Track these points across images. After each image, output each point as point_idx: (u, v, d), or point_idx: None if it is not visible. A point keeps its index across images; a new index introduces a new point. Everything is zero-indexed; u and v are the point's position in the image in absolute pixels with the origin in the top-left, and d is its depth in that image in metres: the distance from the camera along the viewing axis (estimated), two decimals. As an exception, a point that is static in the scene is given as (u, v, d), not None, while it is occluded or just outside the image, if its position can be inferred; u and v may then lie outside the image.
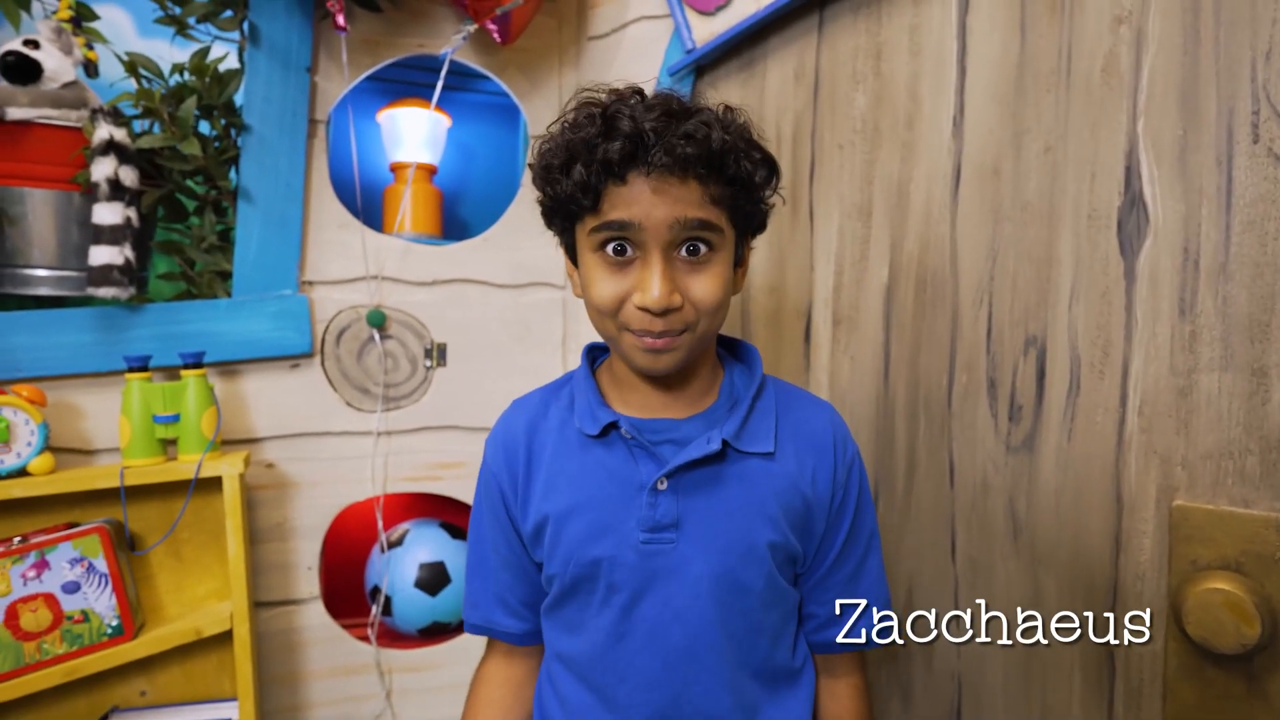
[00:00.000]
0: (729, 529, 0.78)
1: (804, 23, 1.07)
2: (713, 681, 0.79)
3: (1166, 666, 0.81)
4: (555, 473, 0.82)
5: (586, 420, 0.81)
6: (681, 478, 0.78)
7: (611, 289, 0.73)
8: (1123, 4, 0.83)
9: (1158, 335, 0.81)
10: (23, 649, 0.96)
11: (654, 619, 0.78)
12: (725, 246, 0.75)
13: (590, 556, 0.79)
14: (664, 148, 0.69)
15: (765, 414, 0.82)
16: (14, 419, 0.95)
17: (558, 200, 0.75)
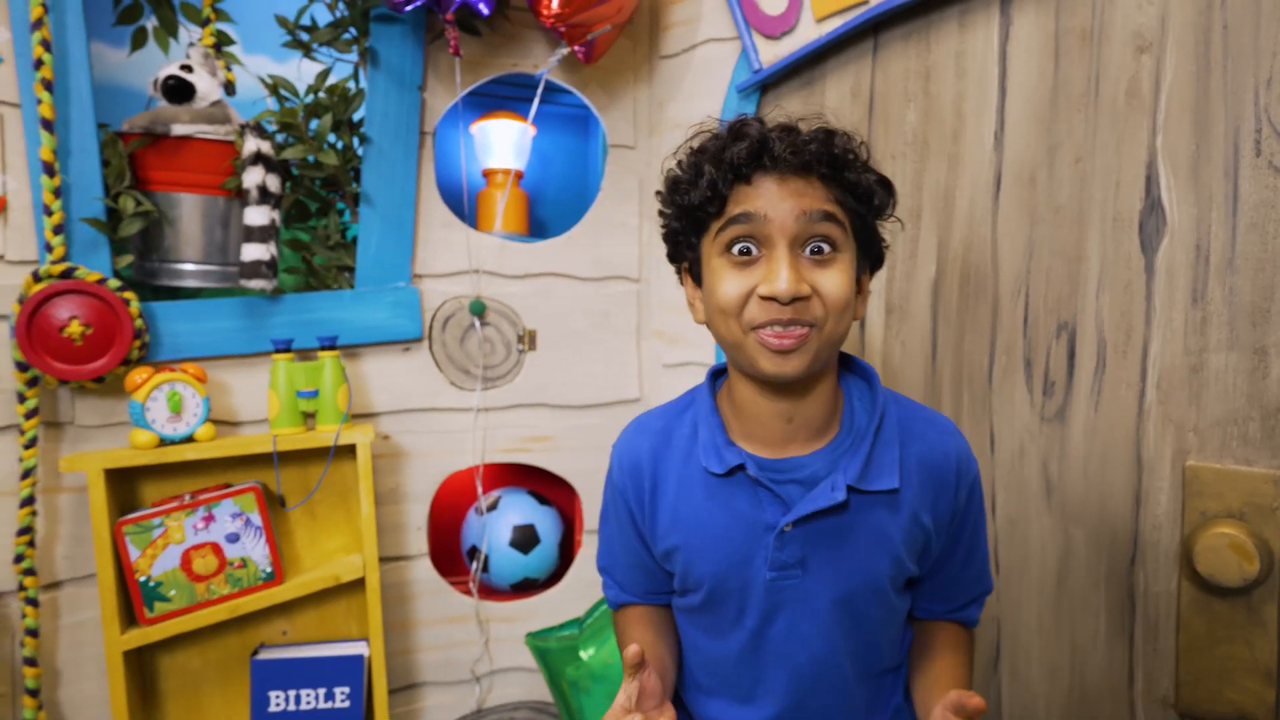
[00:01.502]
0: (852, 565, 0.80)
1: (860, 47, 1.21)
2: (833, 689, 0.84)
3: (1179, 603, 0.94)
4: (682, 507, 0.83)
5: (712, 459, 0.81)
6: (809, 521, 0.78)
7: (736, 286, 0.74)
8: (1144, 36, 0.96)
9: (1173, 321, 0.94)
10: (195, 589, 1.12)
11: (781, 641, 0.82)
12: (848, 251, 0.76)
13: (720, 589, 0.82)
14: (788, 146, 0.72)
15: (889, 445, 0.81)
16: (184, 393, 1.11)
17: (684, 211, 0.77)
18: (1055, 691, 1.05)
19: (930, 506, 0.82)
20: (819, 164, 0.72)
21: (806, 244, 0.73)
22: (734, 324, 0.75)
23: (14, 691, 1.12)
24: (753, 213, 0.72)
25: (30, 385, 1.09)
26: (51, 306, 1.07)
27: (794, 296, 0.71)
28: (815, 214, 0.72)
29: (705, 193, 0.74)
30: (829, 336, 0.74)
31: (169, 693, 1.17)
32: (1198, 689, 0.92)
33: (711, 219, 0.76)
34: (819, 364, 0.76)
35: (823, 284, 0.73)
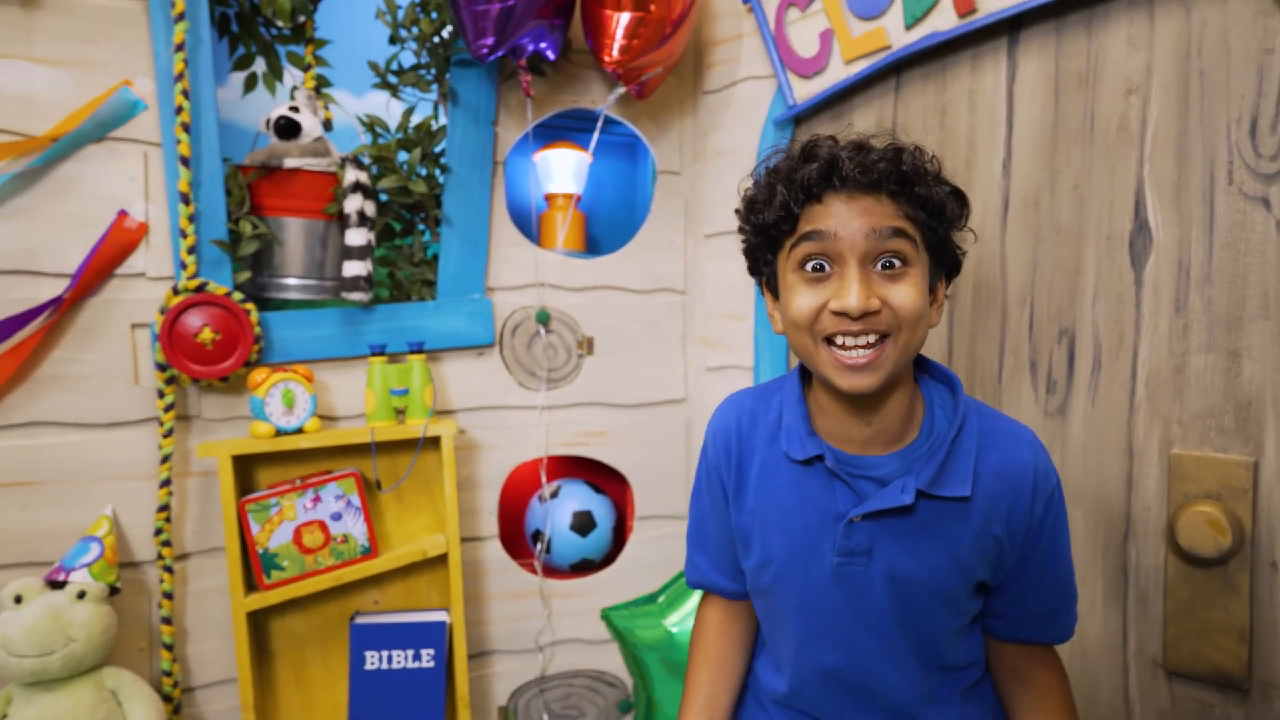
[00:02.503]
0: (917, 563, 0.81)
1: (883, 85, 1.36)
2: (894, 675, 0.85)
3: (1166, 574, 1.07)
4: (762, 486, 0.87)
5: (794, 446, 0.84)
6: (879, 517, 0.81)
7: (809, 300, 0.76)
8: (1132, 79, 1.10)
9: (1159, 327, 1.08)
10: (305, 560, 1.30)
11: (845, 626, 0.84)
12: (920, 264, 0.77)
13: (787, 568, 0.85)
14: (857, 165, 0.74)
15: (964, 454, 0.82)
16: (296, 390, 1.29)
17: (760, 230, 0.80)
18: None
19: (1004, 517, 0.82)
20: (887, 181, 0.74)
21: (878, 259, 0.75)
22: (807, 336, 0.77)
23: (150, 646, 1.30)
24: (823, 230, 0.75)
25: (169, 383, 1.27)
26: (187, 316, 1.25)
27: (864, 311, 0.73)
28: (884, 231, 0.74)
29: (779, 212, 0.77)
30: (903, 347, 0.76)
31: (278, 651, 1.35)
32: (1182, 649, 1.05)
33: (785, 236, 0.79)
34: (893, 376, 0.77)
35: (893, 297, 0.75)
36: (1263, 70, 0.99)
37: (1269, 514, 0.99)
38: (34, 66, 1.22)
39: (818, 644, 0.87)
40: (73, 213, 1.24)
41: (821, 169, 0.75)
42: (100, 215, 1.25)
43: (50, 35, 1.22)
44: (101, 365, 1.27)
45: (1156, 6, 1.07)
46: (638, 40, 1.32)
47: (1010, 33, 1.20)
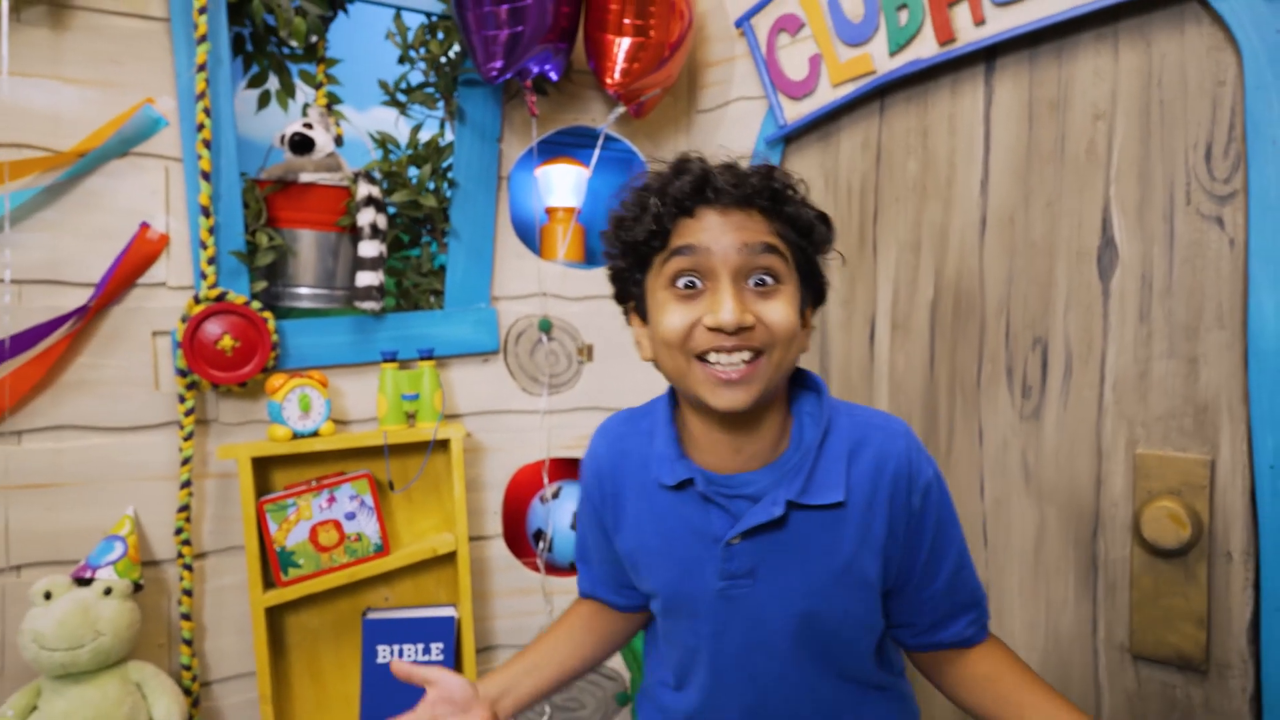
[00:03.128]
0: (801, 576, 0.81)
1: (869, 107, 1.44)
2: (796, 692, 0.84)
3: (1132, 565, 1.15)
4: (639, 512, 0.86)
5: (664, 471, 0.83)
6: (755, 535, 0.80)
7: (681, 317, 0.75)
8: (1099, 106, 1.19)
9: (1124, 336, 1.16)
10: (320, 558, 1.35)
11: (739, 646, 0.83)
12: (791, 284, 0.77)
13: (675, 595, 0.84)
14: (730, 180, 0.74)
15: (834, 459, 0.81)
16: (312, 395, 1.34)
17: (629, 248, 0.79)
18: (1034, 640, 1.26)
19: (885, 514, 0.81)
20: (760, 196, 0.74)
21: (750, 276, 0.75)
22: (679, 355, 0.76)
23: (169, 641, 1.35)
24: (695, 245, 0.74)
25: (189, 389, 1.32)
26: (208, 324, 1.30)
27: (739, 326, 0.72)
28: (757, 246, 0.74)
29: (650, 227, 0.75)
30: (776, 365, 0.76)
31: (293, 646, 1.40)
32: (1147, 635, 1.13)
33: (655, 253, 0.77)
34: (767, 395, 0.77)
35: (767, 313, 0.74)
36: (1216, 100, 1.08)
37: (1224, 509, 1.07)
38: (62, 85, 1.27)
39: (714, 665, 0.85)
40: (97, 225, 1.29)
41: (695, 182, 0.74)
42: (123, 227, 1.31)
43: (77, 56, 1.28)
44: (123, 371, 1.32)
45: (1120, 40, 1.16)
46: (638, 64, 1.39)
47: (987, 61, 1.29)
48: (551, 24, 1.31)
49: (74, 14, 1.27)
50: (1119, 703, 1.17)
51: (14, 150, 1.24)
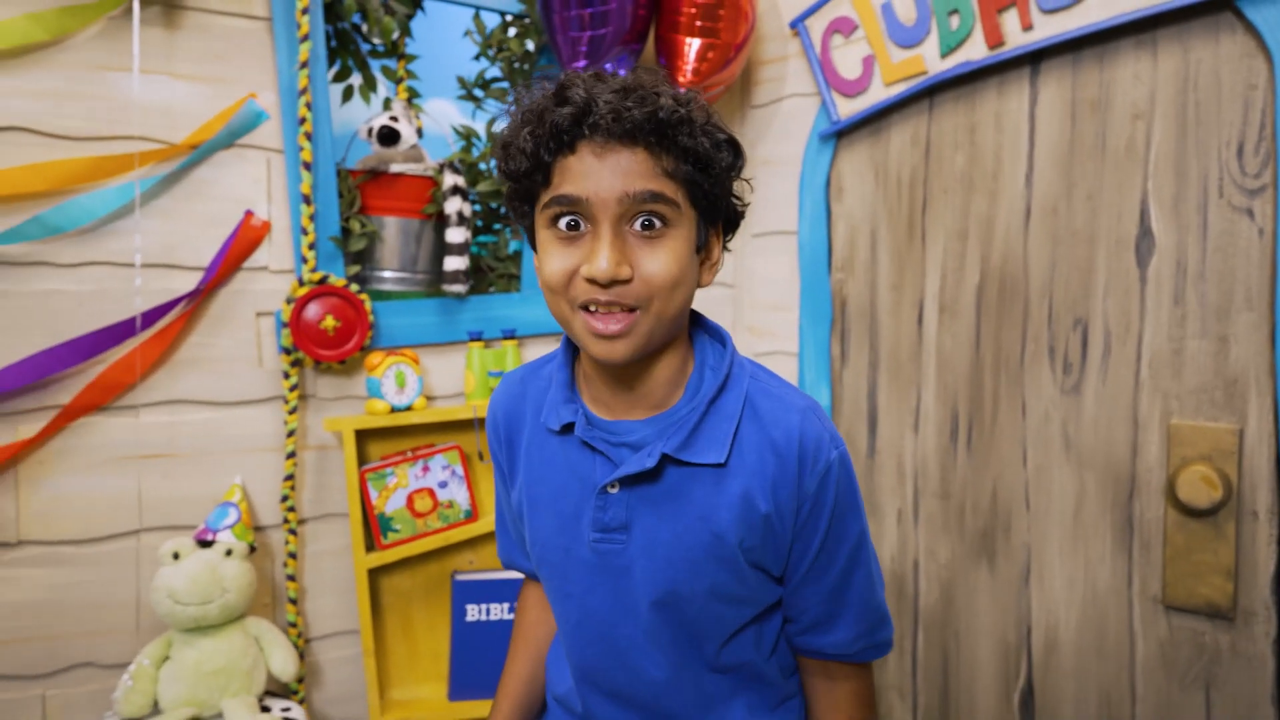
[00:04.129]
0: (673, 538, 0.76)
1: (919, 105, 1.55)
2: (661, 673, 0.80)
3: (1165, 524, 1.26)
4: (530, 461, 0.83)
5: (551, 415, 0.80)
6: (634, 485, 0.77)
7: (560, 263, 0.70)
8: (1139, 106, 1.30)
9: (1160, 317, 1.27)
10: (416, 523, 1.46)
11: (605, 614, 0.79)
12: (683, 225, 0.72)
13: (551, 547, 0.81)
14: (610, 114, 0.66)
15: (723, 419, 0.77)
16: (406, 372, 1.44)
17: (513, 178, 0.73)
18: (1073, 595, 1.38)
19: (770, 490, 0.76)
20: (643, 132, 0.67)
21: (635, 218, 0.70)
22: (561, 302, 0.72)
23: (274, 601, 1.45)
24: (573, 194, 0.69)
25: (293, 366, 1.42)
26: (311, 305, 1.40)
27: (612, 280, 0.68)
28: (641, 194, 0.68)
29: (528, 161, 0.71)
30: (658, 317, 0.71)
31: (387, 606, 1.51)
32: (1178, 587, 1.25)
33: (538, 188, 0.73)
34: (650, 346, 0.73)
35: (646, 264, 0.69)
36: (1248, 102, 1.19)
37: (1251, 472, 1.18)
38: (174, 81, 1.35)
39: (580, 634, 0.82)
40: (206, 212, 1.38)
41: (573, 114, 0.68)
42: (229, 215, 1.40)
43: (188, 53, 1.36)
44: (230, 349, 1.41)
45: (1159, 46, 1.27)
46: (706, 63, 1.49)
47: (1032, 64, 1.40)
48: (629, 26, 1.41)
49: (185, 14, 1.36)
50: (1152, 649, 1.29)
51: (133, 143, 1.33)
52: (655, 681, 0.80)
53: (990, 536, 1.48)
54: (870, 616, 0.83)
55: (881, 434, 1.63)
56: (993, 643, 1.47)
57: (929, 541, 1.55)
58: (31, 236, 1.25)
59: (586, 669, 0.83)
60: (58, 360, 1.27)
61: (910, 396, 1.58)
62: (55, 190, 1.28)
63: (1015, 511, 1.43)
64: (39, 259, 1.29)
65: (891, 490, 1.61)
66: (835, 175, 1.67)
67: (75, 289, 1.31)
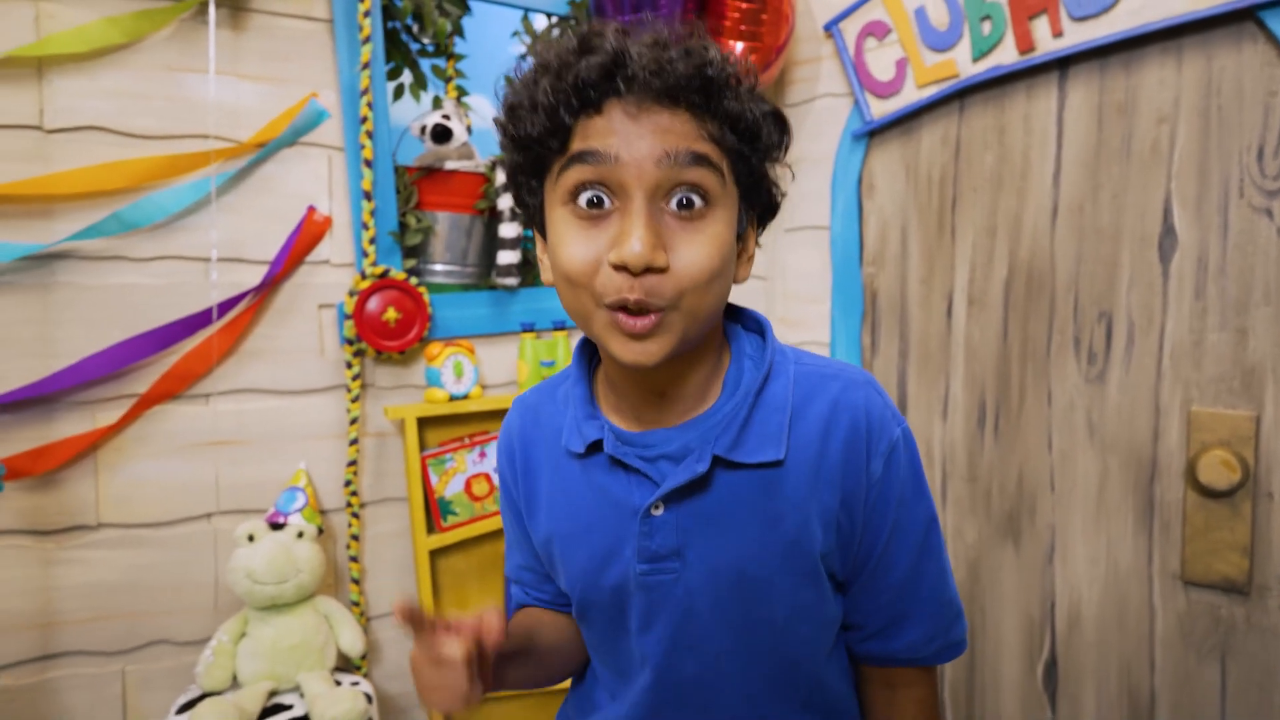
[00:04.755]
0: (736, 554, 0.67)
1: (950, 106, 1.62)
2: (743, 714, 0.71)
3: (1185, 505, 1.34)
4: (554, 490, 0.73)
5: (573, 436, 0.70)
6: (680, 502, 0.67)
7: (583, 249, 0.59)
8: (1163, 111, 1.37)
9: (1182, 310, 1.34)
10: (474, 506, 1.52)
11: (665, 652, 0.69)
12: (725, 206, 0.62)
13: (593, 586, 0.71)
14: (649, 66, 0.57)
15: (774, 410, 0.68)
16: (464, 362, 1.51)
17: (521, 146, 0.63)
18: (1095, 573, 1.46)
19: (838, 478, 0.68)
20: (689, 90, 0.58)
21: (672, 194, 0.59)
22: (583, 296, 0.61)
23: (337, 582, 1.52)
24: (601, 151, 0.58)
25: (356, 356, 1.48)
26: (373, 298, 1.45)
27: (648, 266, 0.57)
28: (683, 155, 0.58)
29: (545, 122, 0.59)
30: (692, 314, 0.61)
31: (444, 586, 1.57)
32: (1196, 564, 1.33)
33: (553, 156, 0.62)
34: (684, 347, 0.63)
35: (685, 252, 0.59)
36: (1268, 109, 1.26)
37: (1267, 456, 1.27)
38: (240, 81, 1.40)
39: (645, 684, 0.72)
40: (270, 208, 1.44)
41: (603, 66, 0.58)
42: (293, 210, 1.45)
43: (254, 55, 1.41)
44: (294, 340, 1.47)
45: (1184, 54, 1.34)
46: (749, 66, 1.56)
47: (1061, 69, 1.46)
48: (678, 30, 1.47)
49: (250, 16, 1.40)
50: (1170, 622, 1.38)
51: (201, 141, 1.38)
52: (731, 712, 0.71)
53: (1016, 518, 1.56)
54: (946, 612, 0.74)
55: (910, 420, 1.70)
56: (1018, 618, 1.55)
57: (957, 522, 1.64)
58: (110, 232, 1.30)
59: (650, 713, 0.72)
60: (135, 351, 1.32)
61: (939, 385, 1.65)
62: (131, 187, 1.33)
63: (1040, 494, 1.51)
64: (116, 254, 1.34)
65: (920, 474, 1.69)
66: (867, 173, 1.74)
67: (149, 282, 1.36)
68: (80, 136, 1.31)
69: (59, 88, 1.29)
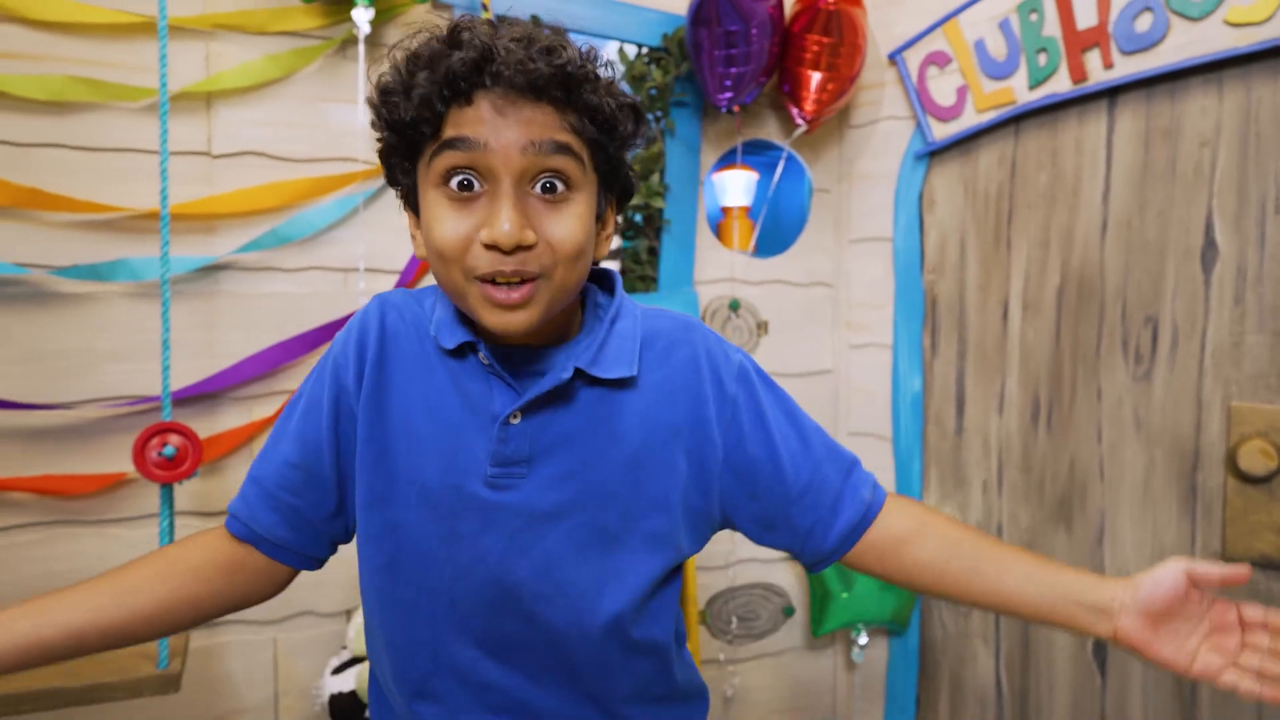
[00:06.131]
0: (580, 465, 0.72)
1: (1006, 129, 1.77)
2: (564, 623, 0.73)
3: (1226, 492, 1.49)
4: (408, 389, 0.73)
5: (444, 333, 0.72)
6: (537, 412, 0.71)
7: (454, 228, 0.64)
8: (1205, 135, 1.52)
9: (1222, 315, 1.49)
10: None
11: (501, 555, 0.71)
12: (586, 188, 0.68)
13: (435, 488, 0.72)
14: (514, 62, 0.62)
15: (626, 338, 0.74)
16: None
17: (395, 129, 0.67)
18: (1142, 555, 1.61)
19: (686, 401, 0.74)
20: (551, 86, 0.63)
21: (536, 180, 0.65)
22: (455, 270, 0.66)
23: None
24: (471, 139, 0.63)
25: (476, 356, 1.64)
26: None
27: (517, 245, 0.63)
28: (545, 145, 0.64)
29: (418, 109, 0.64)
30: (560, 286, 0.67)
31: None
32: (1237, 544, 1.48)
33: (425, 142, 0.66)
34: (549, 317, 0.68)
35: (552, 230, 0.65)
36: (1302, 135, 1.42)
37: (1302, 445, 1.43)
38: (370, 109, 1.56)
39: (468, 580, 0.73)
40: (402, 224, 1.59)
41: (474, 61, 0.62)
42: (420, 225, 1.61)
43: (388, 85, 1.57)
44: (420, 342, 1.63)
45: (1225, 85, 1.49)
46: (826, 93, 1.72)
47: (1110, 97, 1.62)
48: (765, 64, 1.63)
49: (379, 49, 1.56)
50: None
51: (342, 164, 1.54)
52: (556, 631, 0.73)
53: (1067, 504, 1.72)
54: (858, 462, 0.82)
55: (968, 415, 1.86)
56: (1069, 595, 1.71)
57: (1011, 508, 1.79)
58: (267, 245, 1.47)
59: (469, 623, 0.73)
60: (287, 352, 1.49)
61: (995, 383, 1.81)
62: (285, 206, 1.49)
63: (1090, 482, 1.67)
64: (267, 265, 1.50)
65: (977, 463, 1.85)
66: (928, 189, 1.90)
67: (297, 290, 1.52)
68: (241, 161, 1.47)
69: (224, 118, 1.46)
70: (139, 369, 1.41)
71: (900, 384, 1.93)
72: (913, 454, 1.93)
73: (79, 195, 1.36)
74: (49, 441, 1.37)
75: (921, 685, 1.96)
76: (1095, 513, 1.67)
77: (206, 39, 1.44)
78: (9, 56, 1.32)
